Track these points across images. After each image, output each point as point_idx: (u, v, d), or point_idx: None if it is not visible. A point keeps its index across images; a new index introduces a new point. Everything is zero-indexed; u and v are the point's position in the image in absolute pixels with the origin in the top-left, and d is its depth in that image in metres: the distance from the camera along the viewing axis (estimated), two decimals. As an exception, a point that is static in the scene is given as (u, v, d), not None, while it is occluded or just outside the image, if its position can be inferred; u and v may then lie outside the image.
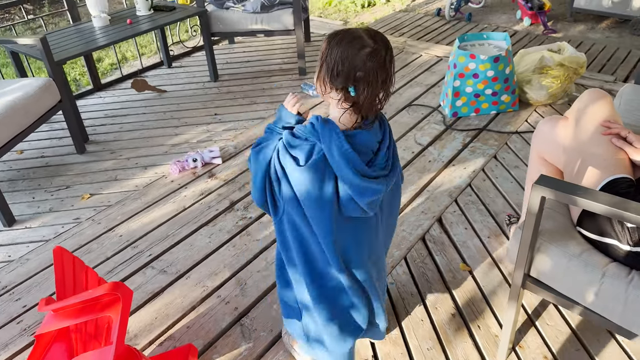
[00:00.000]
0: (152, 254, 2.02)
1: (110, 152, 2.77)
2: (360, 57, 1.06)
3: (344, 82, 1.08)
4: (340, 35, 1.09)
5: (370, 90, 1.08)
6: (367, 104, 1.11)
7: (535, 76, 2.89)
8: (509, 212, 2.09)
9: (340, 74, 1.08)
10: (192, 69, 3.83)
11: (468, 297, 1.75)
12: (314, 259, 1.25)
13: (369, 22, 5.54)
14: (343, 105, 1.11)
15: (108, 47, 2.86)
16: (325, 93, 1.13)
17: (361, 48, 1.06)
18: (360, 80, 1.07)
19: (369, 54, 1.05)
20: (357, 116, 1.13)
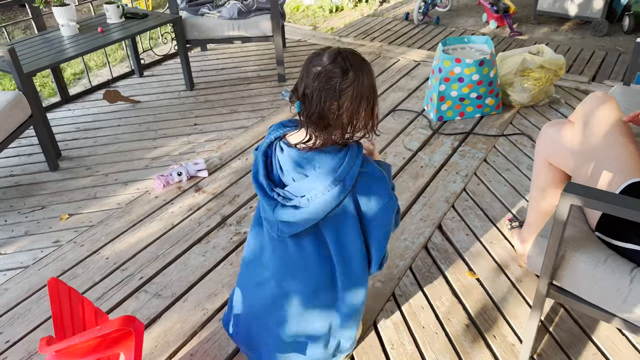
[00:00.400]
0: (143, 277, 1.90)
1: (86, 168, 2.61)
2: (310, 74, 1.05)
3: (295, 95, 1.10)
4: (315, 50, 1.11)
5: (311, 111, 1.05)
6: (311, 123, 1.07)
7: (517, 78, 2.92)
8: (509, 217, 2.08)
9: (296, 87, 1.10)
10: (165, 78, 3.69)
11: (479, 306, 1.72)
12: None
13: (338, 27, 5.51)
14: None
15: (80, 57, 2.70)
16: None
17: (315, 65, 1.06)
18: (305, 97, 1.06)
19: (316, 74, 1.04)
20: (306, 133, 1.09)
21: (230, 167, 2.58)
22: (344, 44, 4.32)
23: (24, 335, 1.68)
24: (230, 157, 2.67)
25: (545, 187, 1.67)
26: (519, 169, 2.46)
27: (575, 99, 3.16)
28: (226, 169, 2.57)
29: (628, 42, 4.60)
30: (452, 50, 2.96)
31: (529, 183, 2.34)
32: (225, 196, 2.35)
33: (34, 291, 1.86)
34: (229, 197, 2.35)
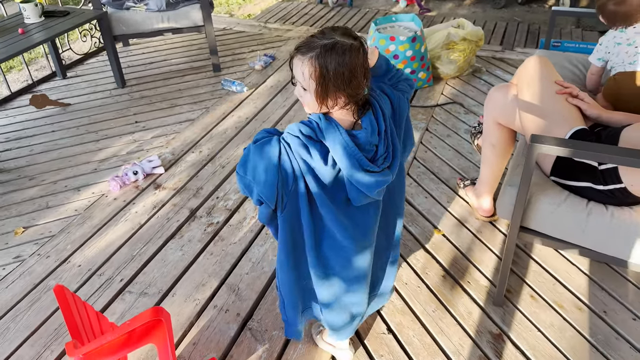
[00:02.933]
0: (123, 278, 1.88)
1: (29, 179, 2.47)
2: (360, 60, 1.06)
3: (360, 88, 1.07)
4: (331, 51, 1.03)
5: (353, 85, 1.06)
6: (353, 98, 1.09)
7: (444, 52, 3.15)
8: (459, 177, 2.29)
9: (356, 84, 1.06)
10: (91, 77, 3.51)
11: (450, 258, 1.90)
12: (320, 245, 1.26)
13: (254, 13, 5.52)
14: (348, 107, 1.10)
15: (3, 62, 2.52)
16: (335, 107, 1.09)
17: (357, 52, 1.05)
18: (367, 78, 1.08)
19: (363, 53, 1.07)
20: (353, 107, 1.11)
21: (186, 161, 2.56)
22: (271, 30, 4.36)
23: (9, 354, 1.61)
24: (182, 151, 2.65)
25: (496, 145, 1.87)
26: (458, 133, 2.68)
27: (493, 66, 3.46)
28: (181, 163, 2.55)
29: (523, 12, 5.07)
30: (383, 30, 3.12)
31: (469, 146, 2.57)
32: (188, 190, 2.35)
33: (7, 309, 1.77)
34: (192, 190, 2.34)
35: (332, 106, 1.08)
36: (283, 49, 3.93)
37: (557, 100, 1.60)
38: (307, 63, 1.04)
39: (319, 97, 1.06)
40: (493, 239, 1.98)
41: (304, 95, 1.09)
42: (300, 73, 1.06)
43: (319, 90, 1.05)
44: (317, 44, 1.03)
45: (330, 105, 1.08)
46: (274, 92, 3.25)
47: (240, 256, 1.95)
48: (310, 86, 1.06)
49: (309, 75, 1.04)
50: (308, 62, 1.04)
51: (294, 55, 1.07)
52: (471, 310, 1.69)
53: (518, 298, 1.72)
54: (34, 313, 1.75)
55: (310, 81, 1.05)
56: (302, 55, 1.05)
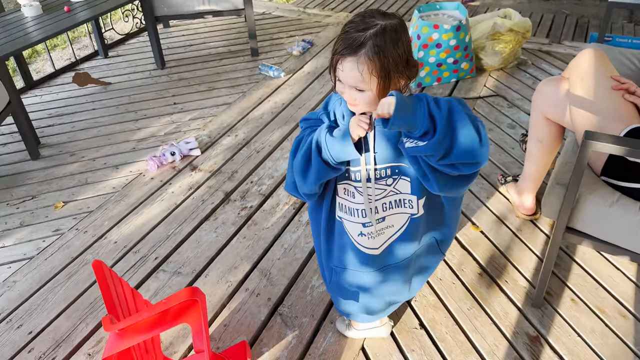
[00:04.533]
0: (158, 257, 1.90)
1: (70, 155, 2.52)
2: (407, 36, 1.01)
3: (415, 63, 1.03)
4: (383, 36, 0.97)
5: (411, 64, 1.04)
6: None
7: (489, 42, 3.05)
8: (500, 173, 2.21)
9: (412, 62, 1.03)
10: (132, 58, 3.56)
11: (488, 256, 1.84)
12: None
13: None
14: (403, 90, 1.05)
15: (50, 39, 2.57)
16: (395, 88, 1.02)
17: (404, 28, 1.00)
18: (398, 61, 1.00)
19: (405, 28, 1.00)
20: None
21: (222, 144, 2.57)
22: (310, 15, 4.31)
23: (46, 324, 1.65)
24: (219, 134, 2.66)
25: (543, 141, 1.80)
26: (500, 128, 2.60)
27: (539, 59, 3.33)
28: (217, 146, 2.56)
29: (571, 4, 4.85)
30: (427, 17, 3.03)
31: (512, 141, 2.48)
32: (223, 173, 2.35)
33: (46, 280, 1.81)
34: (226, 173, 2.35)
35: (399, 86, 1.03)
36: (321, 34, 3.89)
37: (613, 97, 1.52)
38: (363, 60, 0.96)
39: (381, 91, 0.99)
40: (533, 238, 1.91)
41: (361, 97, 1.01)
42: (358, 74, 0.97)
43: (382, 85, 0.98)
44: (364, 37, 0.96)
45: (399, 86, 1.03)
46: (311, 79, 3.21)
47: (273, 241, 1.94)
48: (371, 83, 0.98)
49: (369, 73, 0.96)
50: (364, 58, 0.96)
51: (340, 59, 0.99)
52: (508, 310, 1.63)
53: (558, 301, 1.66)
54: (72, 285, 1.79)
55: (371, 78, 0.97)
56: (353, 54, 0.96)
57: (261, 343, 1.56)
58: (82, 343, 1.58)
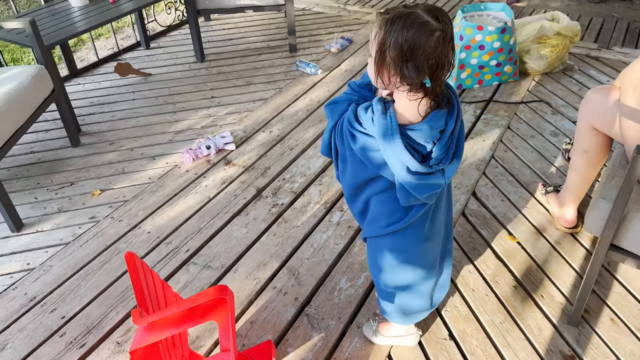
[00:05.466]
0: (189, 249, 1.91)
1: (109, 144, 2.57)
2: (431, 44, 0.95)
3: (417, 74, 0.97)
4: (402, 20, 0.95)
5: (443, 76, 1.01)
6: (438, 89, 1.03)
7: (534, 46, 2.95)
8: (541, 182, 2.13)
9: (414, 67, 0.97)
10: (172, 50, 3.61)
11: (524, 268, 1.78)
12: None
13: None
14: (412, 96, 1.02)
15: (95, 29, 2.62)
16: (390, 87, 1.03)
17: (431, 33, 0.95)
18: (434, 68, 0.98)
19: (440, 39, 0.95)
20: (428, 102, 1.04)
21: (256, 140, 2.57)
22: (350, 12, 4.27)
23: (78, 310, 1.69)
24: (254, 129, 2.66)
25: (589, 151, 1.72)
26: (543, 135, 2.51)
27: (586, 65, 3.20)
28: (252, 141, 2.56)
29: (623, 8, 4.64)
30: (470, 18, 2.95)
31: (554, 149, 2.39)
32: (256, 169, 2.35)
33: (80, 267, 1.86)
34: (260, 169, 2.35)
35: (387, 84, 1.02)
36: (361, 32, 3.84)
37: (670, 109, 1.43)
38: (377, 24, 0.99)
39: (376, 65, 1.01)
40: (573, 253, 1.83)
41: (370, 61, 1.06)
42: (372, 34, 1.01)
43: (377, 58, 1.00)
44: (396, 11, 0.98)
45: (385, 83, 1.02)
46: (348, 77, 3.18)
47: (303, 240, 1.93)
48: (372, 50, 1.02)
49: (374, 37, 1.00)
50: (378, 23, 0.99)
51: (376, 16, 1.03)
52: (542, 326, 1.57)
53: (596, 320, 1.59)
54: (104, 273, 1.82)
55: (373, 44, 1.01)
56: (379, 16, 1.00)
57: (286, 343, 1.55)
58: (111, 331, 1.61)
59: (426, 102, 1.04)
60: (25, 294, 1.75)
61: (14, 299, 1.73)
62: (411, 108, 1.05)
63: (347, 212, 2.06)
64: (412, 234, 1.24)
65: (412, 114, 1.06)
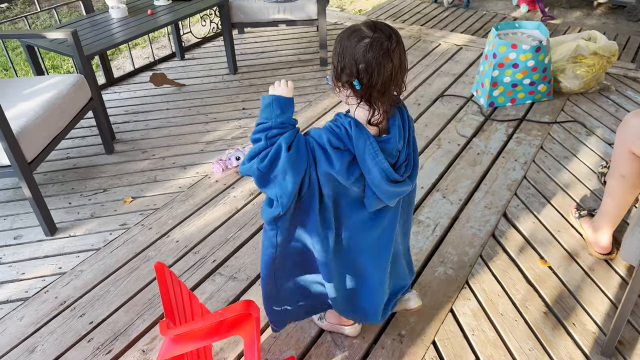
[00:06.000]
0: (216, 260, 1.93)
1: (142, 152, 2.63)
2: (360, 49, 1.04)
3: (348, 77, 1.07)
4: (343, 31, 1.09)
5: (375, 81, 1.06)
6: (377, 95, 1.08)
7: (570, 65, 2.89)
8: (574, 205, 2.08)
9: (343, 70, 1.07)
10: (206, 61, 3.68)
11: (555, 294, 1.73)
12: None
13: (366, 9, 5.46)
14: (351, 101, 1.11)
15: (133, 40, 2.70)
16: (339, 92, 1.12)
17: (360, 40, 1.04)
18: (362, 72, 1.05)
19: (368, 45, 1.04)
20: (372, 110, 1.10)
21: (285, 152, 2.58)
22: (382, 28, 4.28)
23: (106, 316, 1.72)
24: (283, 141, 2.67)
25: (627, 177, 1.67)
26: (577, 156, 2.45)
27: (624, 85, 3.12)
28: (281, 153, 2.57)
29: (664, 27, 4.52)
30: (504, 36, 2.92)
31: (589, 171, 2.33)
32: (285, 181, 2.36)
33: (109, 273, 1.89)
34: (288, 182, 2.36)
35: (344, 93, 1.11)
36: (392, 47, 3.84)
37: None
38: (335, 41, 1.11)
39: (334, 74, 1.10)
40: (607, 280, 1.77)
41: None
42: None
43: (334, 70, 1.10)
44: (347, 28, 1.09)
45: (342, 91, 1.11)
46: (379, 92, 3.18)
47: (329, 256, 1.92)
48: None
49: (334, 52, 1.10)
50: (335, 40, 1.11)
51: None
52: (574, 356, 1.52)
53: (631, 352, 1.53)
54: (133, 280, 1.85)
55: (333, 57, 1.10)
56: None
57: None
58: (137, 338, 1.63)
59: (366, 109, 1.11)
60: (56, 298, 1.79)
61: (45, 302, 1.78)
62: (356, 112, 1.13)
63: (374, 228, 2.04)
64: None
65: (359, 117, 1.13)
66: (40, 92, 2.16)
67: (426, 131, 2.69)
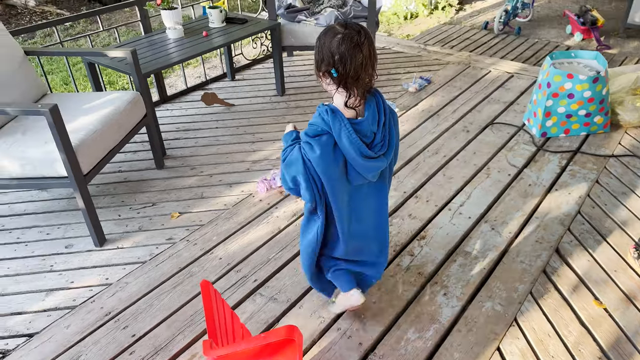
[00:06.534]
0: (257, 279, 1.93)
1: (191, 168, 2.69)
2: (334, 43, 1.26)
3: (326, 67, 1.29)
4: (322, 30, 1.32)
5: (348, 69, 1.26)
6: (351, 81, 1.28)
7: (629, 97, 2.78)
8: (633, 245, 1.97)
9: (322, 61, 1.30)
10: (256, 82, 3.75)
11: (611, 339, 1.63)
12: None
13: (413, 34, 5.47)
14: (331, 87, 1.33)
15: (188, 60, 2.79)
16: (322, 83, 1.35)
17: (334, 36, 1.27)
18: (337, 62, 1.26)
19: (340, 39, 1.26)
20: (348, 94, 1.30)
21: (329, 175, 2.58)
22: (430, 52, 4.27)
23: (148, 330, 1.74)
24: (328, 164, 2.68)
25: (695, 218, 1.57)
26: (636, 193, 2.33)
27: (688, 120, 2.96)
28: (325, 176, 2.57)
29: None
30: (559, 65, 2.85)
31: (649, 209, 2.21)
32: (328, 204, 2.35)
33: (154, 286, 1.92)
34: (331, 204, 2.35)
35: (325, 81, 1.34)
36: (440, 73, 3.81)
37: None
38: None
39: (316, 65, 1.33)
40: (670, 328, 1.66)
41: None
42: None
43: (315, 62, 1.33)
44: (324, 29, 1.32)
45: (323, 80, 1.34)
46: (425, 117, 3.15)
47: (371, 283, 1.89)
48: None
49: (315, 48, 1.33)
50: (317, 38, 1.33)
51: None
52: (633, 408, 1.42)
53: (698, 409, 1.41)
54: (176, 295, 1.87)
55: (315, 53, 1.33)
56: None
57: (348, 390, 1.50)
58: (178, 354, 1.64)
59: (354, 99, 1.31)
60: (102, 308, 1.83)
61: (91, 312, 1.82)
62: (342, 101, 1.33)
63: (417, 256, 2.00)
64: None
65: (352, 111, 1.34)
66: (99, 108, 2.25)
67: (474, 159, 2.64)
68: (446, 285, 1.86)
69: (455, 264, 1.95)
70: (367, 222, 1.55)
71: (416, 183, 2.47)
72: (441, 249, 2.03)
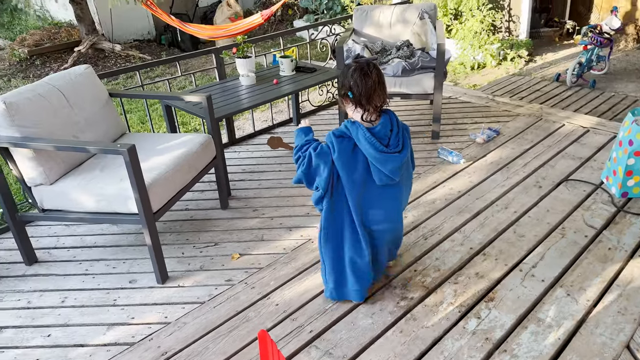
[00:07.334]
0: (313, 330, 1.88)
1: (253, 210, 2.73)
2: (349, 73, 1.70)
3: (345, 90, 1.71)
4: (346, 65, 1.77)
5: (361, 91, 1.67)
6: (364, 101, 1.68)
7: None
8: None
9: (342, 87, 1.73)
10: (320, 127, 3.81)
11: None
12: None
13: (480, 84, 5.39)
14: (350, 107, 1.75)
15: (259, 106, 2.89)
16: (345, 107, 1.77)
17: (349, 67, 1.72)
18: (353, 86, 1.68)
19: (353, 70, 1.70)
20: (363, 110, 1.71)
21: (391, 225, 2.52)
22: (499, 103, 4.17)
23: (204, 374, 1.72)
24: (390, 213, 2.62)
25: None
26: None
27: None
28: (387, 225, 2.52)
29: None
30: (642, 121, 2.67)
31: None
32: (389, 255, 2.29)
33: (210, 329, 1.92)
34: (392, 256, 2.28)
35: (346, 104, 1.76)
36: (510, 124, 3.70)
37: None
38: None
39: (338, 94, 1.80)
40: None
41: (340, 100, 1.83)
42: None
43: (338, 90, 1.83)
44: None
45: (345, 104, 1.76)
46: (494, 169, 3.04)
47: (432, 345, 1.78)
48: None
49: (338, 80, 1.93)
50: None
51: None
52: None
53: None
54: (231, 340, 1.85)
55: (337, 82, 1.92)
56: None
57: None
58: (229, 403, 1.60)
59: (369, 114, 1.72)
60: (159, 347, 1.84)
61: (148, 350, 1.83)
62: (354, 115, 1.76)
63: (485, 320, 1.87)
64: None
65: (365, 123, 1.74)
66: (172, 149, 2.35)
67: (548, 217, 2.49)
68: (516, 355, 1.72)
69: (527, 332, 1.81)
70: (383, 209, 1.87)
71: (484, 239, 2.35)
72: (511, 314, 1.90)
